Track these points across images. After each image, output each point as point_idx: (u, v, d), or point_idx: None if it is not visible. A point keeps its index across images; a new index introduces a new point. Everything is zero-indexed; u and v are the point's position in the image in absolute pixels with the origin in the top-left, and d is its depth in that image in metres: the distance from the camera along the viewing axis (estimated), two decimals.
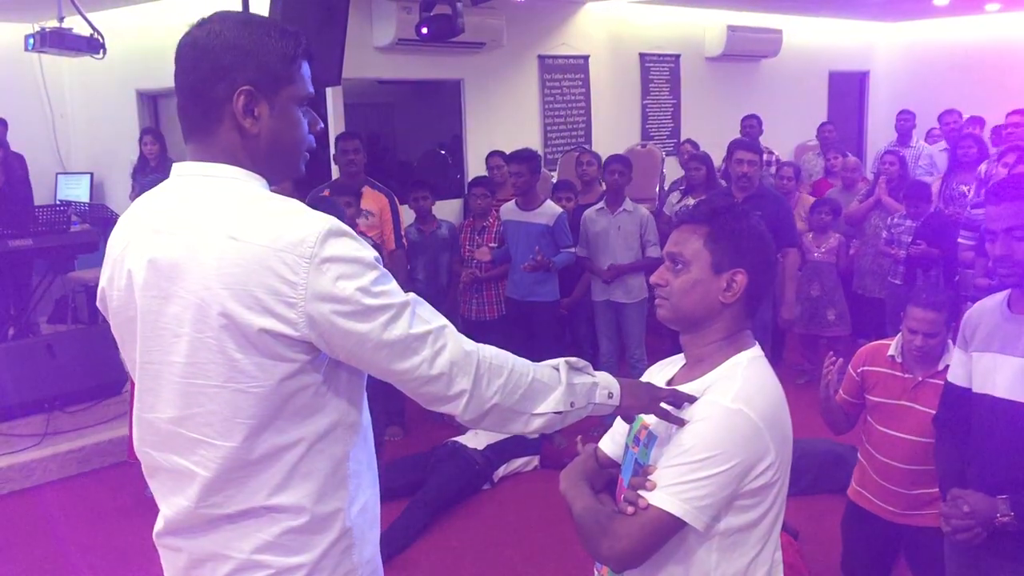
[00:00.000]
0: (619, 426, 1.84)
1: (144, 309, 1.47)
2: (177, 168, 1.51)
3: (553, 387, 1.54)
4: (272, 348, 1.39)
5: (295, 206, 1.43)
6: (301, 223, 1.38)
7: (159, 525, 1.57)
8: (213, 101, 1.44)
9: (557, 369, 1.56)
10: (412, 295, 1.46)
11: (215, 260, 1.37)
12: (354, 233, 1.43)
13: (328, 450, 1.49)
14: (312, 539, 1.49)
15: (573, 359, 1.59)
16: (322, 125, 1.58)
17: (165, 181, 1.53)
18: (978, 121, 8.16)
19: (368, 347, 1.40)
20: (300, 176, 1.59)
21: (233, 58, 1.42)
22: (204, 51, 1.43)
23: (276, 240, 1.36)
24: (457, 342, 1.46)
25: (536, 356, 1.60)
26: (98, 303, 1.62)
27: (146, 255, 1.45)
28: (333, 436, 1.49)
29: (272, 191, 1.50)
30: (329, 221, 1.40)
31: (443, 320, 1.48)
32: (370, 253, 1.42)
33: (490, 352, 1.50)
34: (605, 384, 1.60)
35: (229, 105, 1.44)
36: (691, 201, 6.23)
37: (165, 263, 1.43)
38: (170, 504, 1.53)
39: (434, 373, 1.43)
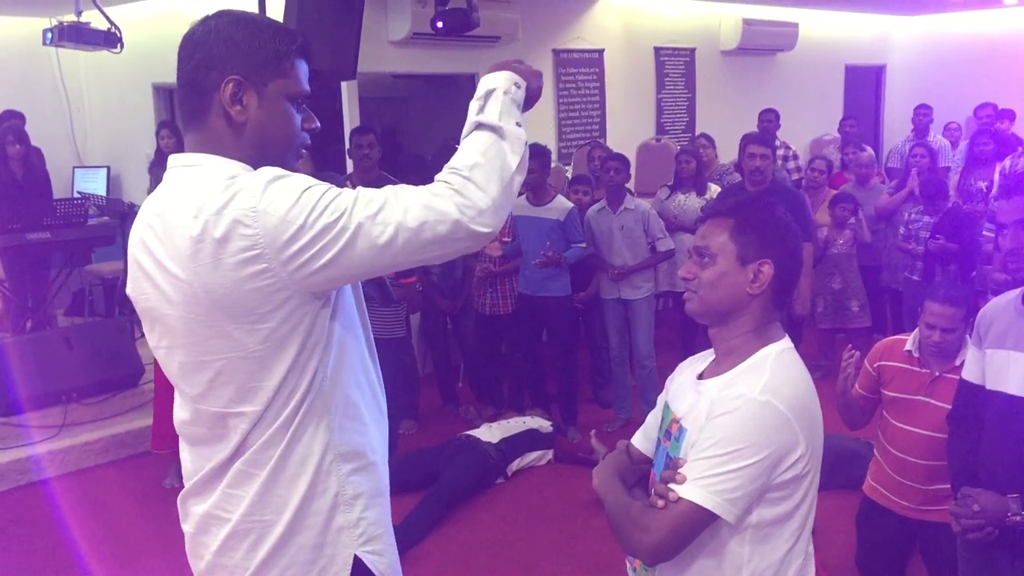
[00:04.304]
0: (651, 421, 1.84)
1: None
2: (170, 160, 1.59)
3: (499, 139, 1.54)
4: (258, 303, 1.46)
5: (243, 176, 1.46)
6: (244, 184, 1.43)
7: None
8: (204, 89, 1.52)
9: (482, 124, 1.55)
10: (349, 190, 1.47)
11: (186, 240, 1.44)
12: (286, 173, 1.46)
13: None
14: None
15: (472, 103, 1.59)
16: (318, 124, 1.62)
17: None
18: (1008, 114, 8.07)
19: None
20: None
21: (226, 49, 1.51)
22: (199, 43, 1.52)
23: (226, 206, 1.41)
24: (415, 198, 1.45)
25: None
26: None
27: (144, 247, 1.55)
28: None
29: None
30: (270, 172, 1.44)
31: (383, 194, 1.47)
32: (302, 183, 1.43)
33: (447, 177, 1.50)
34: (507, 83, 1.60)
35: (218, 93, 1.51)
36: (681, 197, 6.21)
37: (155, 252, 1.51)
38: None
39: (413, 226, 1.43)
